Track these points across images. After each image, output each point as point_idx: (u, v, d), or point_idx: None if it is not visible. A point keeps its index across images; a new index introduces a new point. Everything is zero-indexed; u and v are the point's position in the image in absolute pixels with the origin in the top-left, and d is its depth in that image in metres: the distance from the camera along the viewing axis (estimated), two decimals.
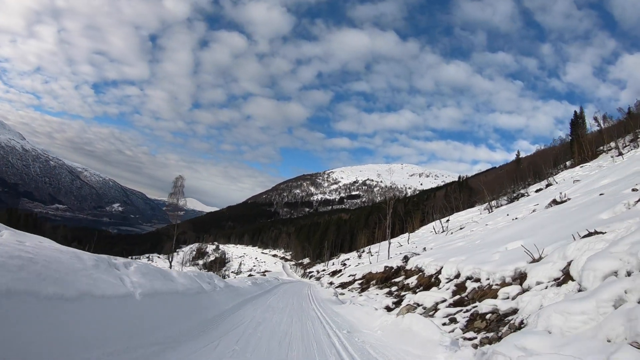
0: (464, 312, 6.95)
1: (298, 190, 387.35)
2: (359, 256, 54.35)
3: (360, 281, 18.37)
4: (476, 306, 6.76)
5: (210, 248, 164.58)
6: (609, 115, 54.68)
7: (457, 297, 7.83)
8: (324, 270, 59.48)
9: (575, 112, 58.19)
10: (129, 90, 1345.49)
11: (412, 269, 13.10)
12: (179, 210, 24.38)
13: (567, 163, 54.61)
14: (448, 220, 52.40)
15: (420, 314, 7.26)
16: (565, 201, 15.40)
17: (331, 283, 34.77)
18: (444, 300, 7.99)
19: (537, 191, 41.78)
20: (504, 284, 7.05)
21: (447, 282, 9.09)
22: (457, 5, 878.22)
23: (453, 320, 6.90)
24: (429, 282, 10.12)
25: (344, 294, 16.10)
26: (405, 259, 14.99)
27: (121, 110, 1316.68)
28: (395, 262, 15.33)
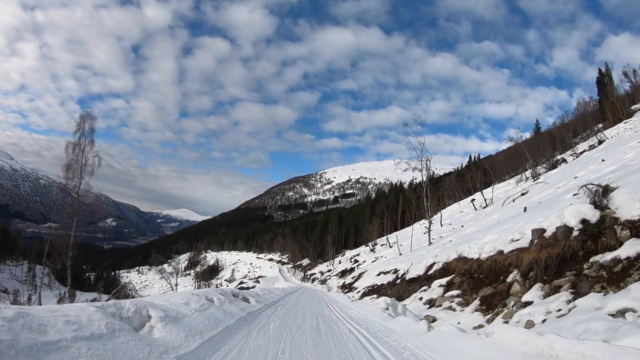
0: None
1: (291, 193, 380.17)
2: (372, 250, 44.59)
3: (442, 281, 8.45)
4: None
5: (202, 256, 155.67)
6: None
7: None
8: (329, 270, 49.56)
9: (599, 70, 52.59)
10: (115, 103, 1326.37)
11: None
12: (86, 172, 14.25)
13: (597, 127, 47.14)
14: (473, 200, 44.06)
15: None
16: None
17: (347, 287, 24.90)
18: None
19: (581, 153, 33.10)
20: None
21: None
22: None
23: None
24: None
25: (434, 319, 6.40)
26: None
27: (108, 124, 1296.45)
28: (579, 212, 5.50)
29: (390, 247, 37.21)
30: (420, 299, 8.81)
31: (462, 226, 24.64)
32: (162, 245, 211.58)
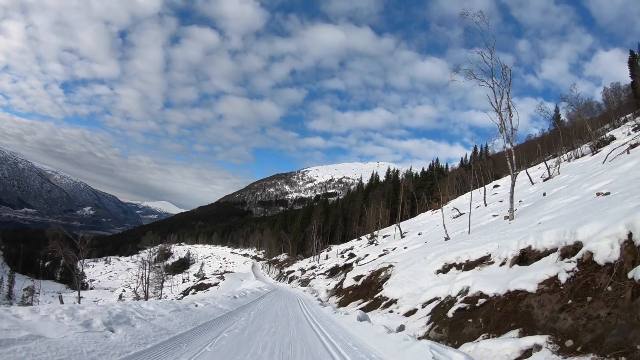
0: None
1: (272, 189, 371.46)
2: (371, 242, 34.72)
3: None
4: None
5: (174, 249, 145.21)
6: None
7: None
8: (313, 268, 39.32)
9: (631, 51, 47.91)
10: (99, 89, 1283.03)
11: None
12: None
13: (626, 116, 40.45)
14: (496, 186, 35.90)
15: None
16: None
17: (345, 294, 14.93)
18: None
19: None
20: None
21: None
22: (434, 0, 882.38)
23: None
24: None
25: None
26: None
27: (91, 110, 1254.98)
28: None
29: (402, 237, 27.51)
30: None
31: (545, 194, 15.09)
32: (136, 236, 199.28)
